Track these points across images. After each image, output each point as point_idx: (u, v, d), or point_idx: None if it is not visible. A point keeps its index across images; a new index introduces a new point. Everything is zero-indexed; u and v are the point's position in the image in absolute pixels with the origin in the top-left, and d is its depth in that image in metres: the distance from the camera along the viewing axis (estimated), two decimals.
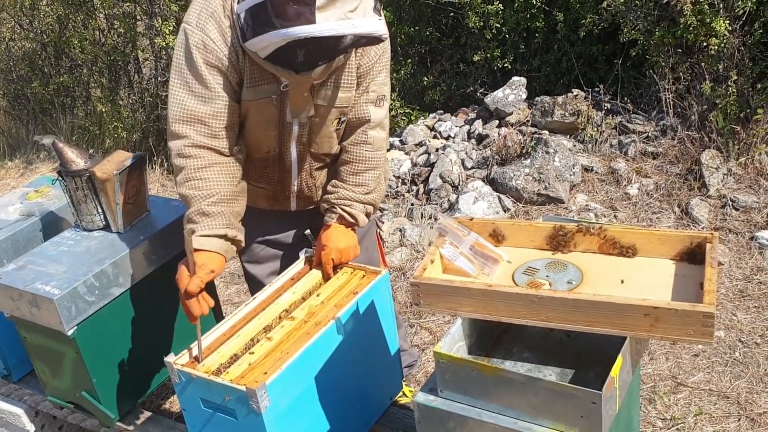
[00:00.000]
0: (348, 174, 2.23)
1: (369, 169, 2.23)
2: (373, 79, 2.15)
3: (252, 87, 2.03)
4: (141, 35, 6.35)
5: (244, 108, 2.08)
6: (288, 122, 2.12)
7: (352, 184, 2.23)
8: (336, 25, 1.74)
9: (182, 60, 2.00)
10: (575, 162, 4.55)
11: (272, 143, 2.18)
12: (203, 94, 1.99)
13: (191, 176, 2.03)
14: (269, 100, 2.05)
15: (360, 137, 2.21)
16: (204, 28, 1.95)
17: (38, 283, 2.19)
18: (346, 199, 2.21)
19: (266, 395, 1.75)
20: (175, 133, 2.03)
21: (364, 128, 2.20)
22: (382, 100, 2.20)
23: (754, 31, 4.44)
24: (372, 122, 2.20)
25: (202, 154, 2.03)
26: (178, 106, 2.01)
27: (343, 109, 2.15)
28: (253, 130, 2.14)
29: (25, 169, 6.56)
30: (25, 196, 2.76)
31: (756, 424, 2.76)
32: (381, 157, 2.26)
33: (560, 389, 1.50)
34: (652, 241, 1.77)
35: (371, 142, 2.22)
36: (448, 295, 1.68)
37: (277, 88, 2.03)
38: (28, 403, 2.63)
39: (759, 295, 3.49)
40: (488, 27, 5.38)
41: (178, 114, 2.01)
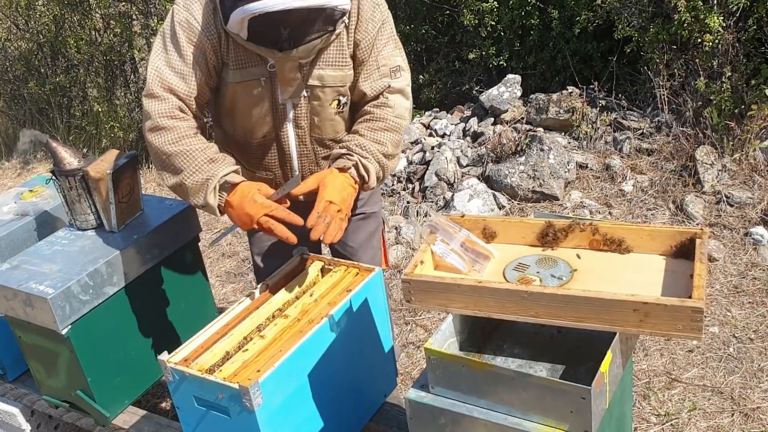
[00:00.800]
0: (366, 129, 2.13)
1: (388, 129, 2.14)
2: (379, 52, 2.14)
3: (238, 69, 2.05)
4: (137, 35, 6.36)
5: (231, 90, 2.10)
6: (281, 104, 2.13)
7: (371, 139, 2.12)
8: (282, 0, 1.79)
9: (167, 35, 2.05)
10: (570, 159, 4.56)
11: (267, 127, 2.19)
12: (182, 70, 2.03)
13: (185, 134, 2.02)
14: (257, 82, 2.08)
15: (381, 100, 2.17)
16: (189, 8, 2.02)
17: (32, 282, 2.20)
18: (366, 149, 2.09)
19: (259, 393, 1.76)
20: (155, 95, 2.02)
21: (384, 93, 2.17)
22: (398, 70, 2.17)
23: (748, 27, 4.45)
24: (392, 87, 2.17)
25: (186, 118, 2.05)
26: (158, 75, 2.03)
27: (338, 88, 2.15)
28: (245, 113, 2.16)
29: (22, 169, 6.57)
30: (20, 196, 2.77)
31: (749, 419, 2.77)
32: (401, 124, 2.18)
33: (550, 385, 1.51)
34: (642, 236, 1.78)
35: (392, 106, 2.16)
36: (439, 292, 1.68)
37: (264, 69, 2.05)
38: (23, 403, 2.63)
39: (753, 291, 3.50)
40: (483, 25, 5.39)
41: (159, 82, 2.02)
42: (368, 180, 2.10)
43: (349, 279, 2.17)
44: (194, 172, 1.99)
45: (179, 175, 2.00)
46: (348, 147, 2.11)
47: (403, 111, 2.19)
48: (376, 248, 2.57)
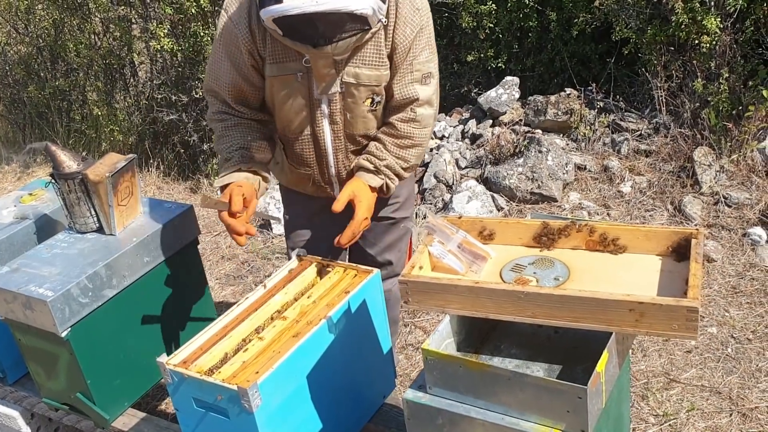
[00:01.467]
0: (393, 146, 2.25)
1: (414, 146, 2.26)
2: (415, 57, 2.16)
3: (275, 63, 2.14)
4: (136, 38, 6.36)
5: (269, 84, 2.20)
6: (316, 99, 2.18)
7: (395, 156, 2.25)
8: (301, 3, 1.85)
9: (216, 40, 2.22)
10: (568, 160, 4.57)
11: (304, 122, 2.25)
12: (219, 73, 2.20)
13: (222, 134, 2.26)
14: (294, 77, 2.14)
15: (408, 114, 2.22)
16: (227, 9, 2.15)
17: (32, 285, 2.20)
18: (392, 170, 2.25)
19: (258, 394, 1.77)
20: (208, 100, 2.32)
21: (412, 106, 2.22)
22: (428, 77, 2.21)
23: (746, 28, 4.46)
24: (420, 100, 2.21)
25: (227, 117, 2.26)
26: (205, 80, 2.30)
27: (372, 87, 2.18)
28: (282, 107, 2.23)
29: (22, 173, 6.57)
30: (19, 200, 2.78)
31: (747, 419, 2.77)
32: (427, 134, 2.29)
33: (546, 384, 1.51)
34: (638, 237, 1.79)
35: (419, 120, 2.23)
36: (436, 293, 1.69)
37: (301, 65, 2.11)
38: (23, 406, 2.64)
39: (751, 292, 3.51)
40: (481, 27, 5.41)
41: (205, 87, 2.30)
42: (388, 194, 2.30)
43: (348, 280, 2.18)
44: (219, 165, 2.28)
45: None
46: (376, 166, 2.24)
47: (429, 121, 2.27)
48: (402, 251, 2.62)
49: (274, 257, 4.39)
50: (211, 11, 5.39)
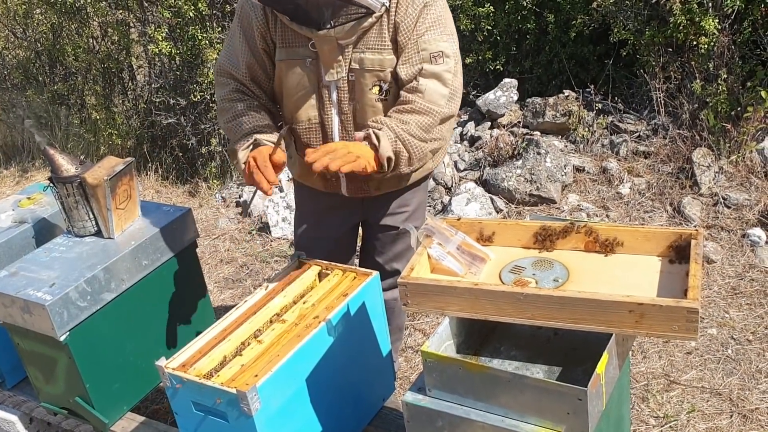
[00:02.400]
0: (393, 111, 2.13)
1: (414, 111, 2.09)
2: (420, 36, 2.10)
3: (284, 47, 2.17)
4: (134, 42, 6.37)
5: (278, 69, 2.22)
6: (325, 85, 2.18)
7: (394, 119, 2.10)
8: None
9: (233, 21, 2.26)
10: (567, 162, 4.57)
11: (312, 111, 2.24)
12: (236, 54, 2.22)
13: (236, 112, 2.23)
14: (302, 62, 2.16)
15: (412, 85, 2.12)
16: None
17: (30, 289, 2.20)
18: (381, 123, 2.09)
19: (257, 397, 1.76)
20: (217, 82, 2.31)
21: (417, 76, 2.11)
22: (439, 56, 2.11)
23: (743, 29, 4.46)
24: (424, 71, 2.10)
25: (244, 98, 2.24)
26: (219, 61, 2.29)
27: (377, 73, 2.15)
28: (291, 93, 2.24)
29: (21, 177, 6.57)
30: (18, 203, 2.77)
31: (748, 420, 2.77)
32: (433, 108, 2.10)
33: (546, 386, 1.51)
34: (637, 238, 1.79)
35: (422, 91, 2.09)
36: (435, 295, 1.69)
37: (309, 50, 2.13)
38: (22, 410, 2.64)
39: (751, 293, 3.51)
40: (479, 29, 5.41)
41: (218, 67, 2.29)
42: (379, 146, 2.03)
43: (347, 283, 2.18)
44: (236, 141, 2.20)
45: (231, 144, 2.23)
46: (365, 125, 2.16)
47: (437, 97, 2.11)
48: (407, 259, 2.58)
49: (272, 260, 4.39)
50: (209, 14, 5.39)
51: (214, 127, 5.57)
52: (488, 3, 5.32)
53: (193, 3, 5.21)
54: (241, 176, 5.06)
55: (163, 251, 2.46)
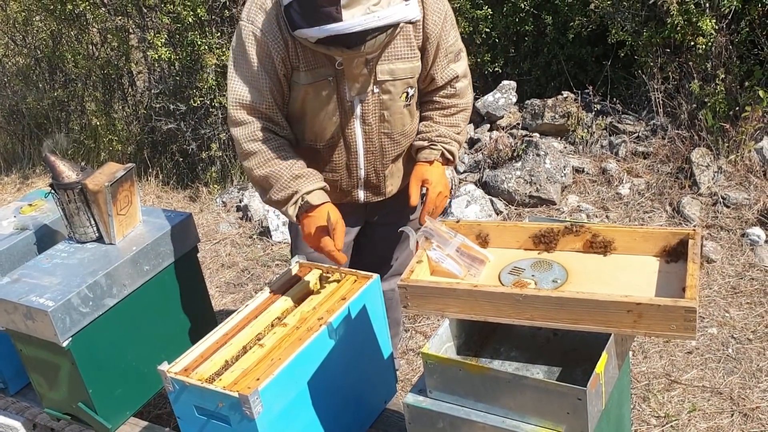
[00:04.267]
0: (441, 116, 2.33)
1: (459, 111, 2.34)
2: (446, 40, 2.21)
3: (309, 70, 2.10)
4: (134, 48, 6.38)
5: (303, 92, 2.15)
6: (348, 101, 2.17)
7: (446, 124, 2.33)
8: (362, 20, 1.83)
9: (237, 52, 2.12)
10: (566, 163, 4.58)
11: (334, 128, 2.23)
12: (258, 84, 2.10)
13: (270, 156, 2.12)
14: (326, 82, 2.12)
15: (449, 91, 2.31)
16: (254, 21, 2.08)
17: (33, 295, 2.21)
18: (445, 137, 2.31)
19: (259, 401, 1.77)
20: (235, 119, 2.14)
21: (451, 83, 2.30)
22: (459, 53, 2.29)
23: (741, 29, 4.47)
24: (459, 77, 2.30)
25: (273, 136, 2.16)
26: (236, 96, 2.13)
27: (407, 80, 2.20)
28: (315, 115, 2.20)
29: (22, 184, 6.58)
30: (19, 210, 2.79)
31: (749, 419, 2.78)
32: (469, 101, 2.38)
33: (546, 387, 1.52)
34: (635, 238, 1.80)
35: (459, 93, 2.32)
36: (435, 297, 1.70)
37: (332, 69, 2.10)
38: (25, 416, 2.64)
39: (751, 292, 3.51)
40: (478, 32, 5.42)
41: (238, 103, 2.13)
42: (454, 160, 2.35)
43: (347, 286, 2.19)
44: (281, 189, 2.12)
45: (268, 192, 2.15)
46: (429, 139, 2.30)
47: (467, 90, 2.36)
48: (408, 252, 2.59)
49: (273, 264, 4.40)
50: (208, 20, 5.41)
51: (214, 132, 5.59)
52: (486, 5, 5.34)
53: (192, 8, 5.23)
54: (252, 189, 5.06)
55: (165, 256, 2.47)
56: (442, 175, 2.30)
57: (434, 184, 2.26)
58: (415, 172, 2.31)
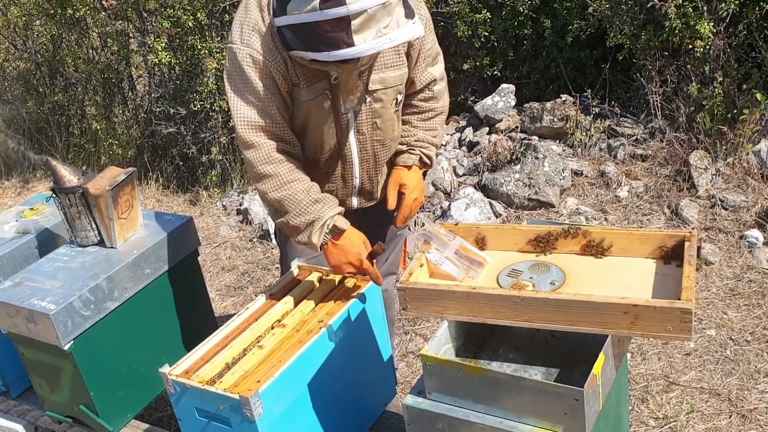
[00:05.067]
0: (419, 120, 2.37)
1: (437, 114, 2.39)
2: (425, 45, 2.25)
3: (308, 87, 2.09)
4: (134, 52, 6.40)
5: (306, 109, 2.14)
6: (343, 114, 2.18)
7: (424, 128, 2.37)
8: (374, 44, 1.81)
9: (237, 76, 2.06)
10: (565, 166, 4.60)
11: (332, 140, 2.24)
12: (264, 105, 2.06)
13: (286, 179, 2.09)
14: (324, 96, 2.12)
15: (427, 94, 2.35)
16: (249, 43, 2.03)
17: (34, 299, 2.22)
18: (424, 142, 2.36)
19: (259, 403, 1.79)
20: (250, 143, 2.08)
21: (430, 86, 2.33)
22: (437, 56, 2.33)
23: (738, 32, 4.50)
24: (436, 80, 2.34)
25: (287, 158, 2.11)
26: (245, 120, 2.07)
27: (397, 87, 2.23)
28: (316, 128, 2.20)
29: (22, 188, 6.60)
30: (21, 214, 2.80)
31: (747, 420, 2.79)
32: (445, 103, 2.41)
33: (543, 387, 1.53)
34: (632, 241, 1.81)
35: (437, 96, 2.36)
36: (434, 299, 1.72)
37: (327, 83, 2.10)
38: (27, 419, 2.65)
39: (749, 294, 3.53)
40: (477, 35, 5.45)
41: (248, 126, 2.07)
42: (431, 164, 2.39)
43: (347, 289, 2.20)
44: (299, 213, 2.08)
45: (285, 216, 2.10)
46: (408, 143, 2.35)
47: (444, 92, 2.40)
48: (398, 250, 2.63)
49: (273, 267, 4.41)
50: (208, 24, 5.43)
51: (214, 136, 5.61)
52: (485, 9, 5.36)
53: (192, 13, 5.25)
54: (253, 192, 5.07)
55: (165, 260, 2.49)
56: (420, 180, 2.35)
57: (411, 189, 2.29)
58: (393, 176, 2.34)
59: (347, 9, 1.75)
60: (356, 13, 1.76)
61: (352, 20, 1.77)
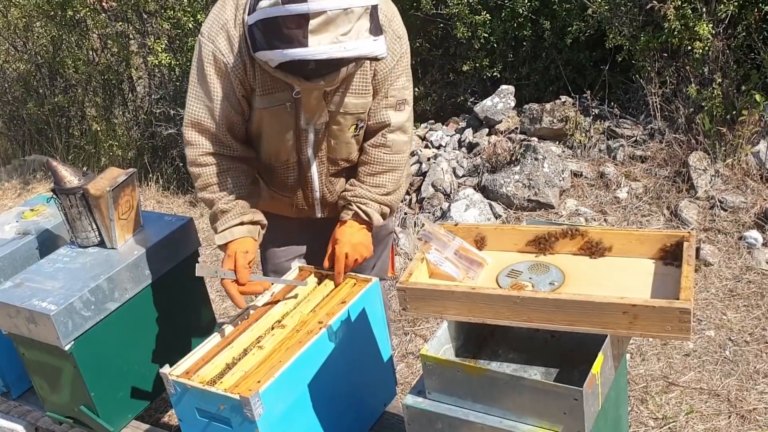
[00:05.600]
0: (365, 175, 2.27)
1: (387, 171, 2.26)
2: (391, 84, 2.17)
3: (265, 95, 2.07)
4: (134, 54, 6.42)
5: (259, 116, 2.13)
6: (303, 129, 2.16)
7: (369, 184, 2.26)
8: (328, 48, 1.77)
9: (195, 70, 2.11)
10: (564, 167, 4.61)
11: (290, 151, 2.22)
12: (212, 105, 2.09)
13: (208, 182, 2.17)
14: (283, 107, 2.09)
15: (379, 140, 2.24)
16: (214, 40, 2.04)
17: (35, 299, 2.23)
18: (362, 197, 2.25)
19: (260, 403, 1.79)
20: (187, 140, 2.16)
21: (383, 132, 2.23)
22: (403, 104, 2.22)
23: (737, 34, 4.51)
24: (392, 126, 2.22)
25: (215, 161, 2.16)
26: (189, 115, 2.13)
27: (358, 115, 2.18)
28: (271, 138, 2.19)
29: (22, 189, 6.60)
30: (21, 215, 2.80)
31: (746, 420, 2.80)
32: (401, 160, 2.28)
33: (543, 387, 1.54)
34: (631, 241, 1.82)
35: (390, 146, 2.24)
36: (433, 299, 1.72)
37: (290, 95, 2.07)
38: (27, 420, 2.66)
39: (748, 294, 3.54)
40: (476, 37, 5.45)
41: (190, 122, 2.14)
42: (372, 221, 2.26)
43: (347, 289, 2.21)
44: (211, 218, 2.22)
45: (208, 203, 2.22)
46: (345, 198, 2.27)
47: (402, 146, 2.27)
48: (384, 256, 2.62)
49: None
50: None
51: None
52: (485, 11, 5.37)
53: (192, 14, 5.27)
54: None
55: (166, 261, 2.49)
56: (354, 235, 2.23)
57: (341, 244, 2.20)
58: (332, 234, 2.27)
59: (308, 7, 1.72)
60: (316, 13, 1.72)
61: (311, 19, 1.73)
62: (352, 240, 2.21)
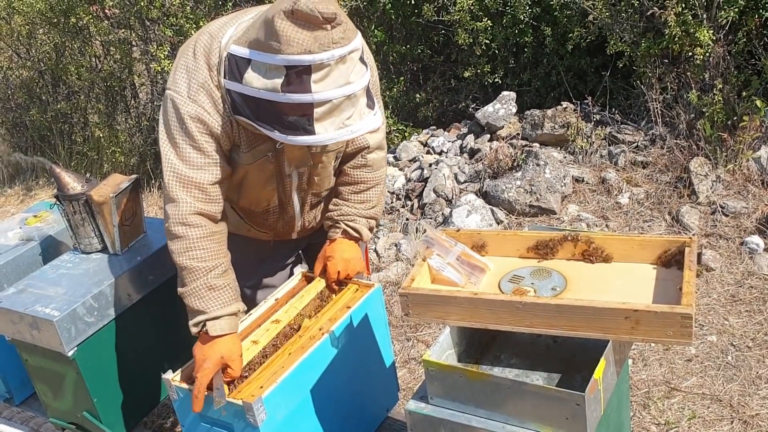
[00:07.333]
0: (350, 193, 2.26)
1: (371, 187, 2.27)
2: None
3: (250, 151, 2.01)
4: (137, 60, 6.44)
5: (243, 171, 2.06)
6: (287, 174, 2.14)
7: (355, 201, 2.26)
8: (336, 134, 1.75)
9: (176, 128, 1.94)
10: (566, 173, 4.62)
11: (272, 196, 2.20)
12: (200, 163, 1.95)
13: (192, 246, 1.98)
14: (266, 159, 2.05)
15: (360, 161, 2.23)
16: (197, 100, 1.91)
17: (38, 305, 2.23)
18: (349, 215, 2.24)
19: (262, 408, 1.79)
20: (172, 198, 1.97)
21: (363, 153, 2.22)
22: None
23: (738, 40, 4.52)
24: (370, 148, 2.22)
25: (202, 222, 1.98)
26: (174, 173, 1.95)
27: (339, 149, 2.18)
28: (253, 188, 2.15)
29: (25, 195, 6.62)
30: (24, 222, 2.81)
31: (748, 426, 2.79)
32: (382, 174, 2.30)
33: (545, 392, 1.54)
34: (633, 246, 1.82)
35: (371, 165, 2.25)
36: (436, 305, 1.73)
37: (272, 145, 2.02)
38: (30, 426, 2.66)
39: (750, 300, 3.54)
40: (478, 43, 5.47)
41: (175, 180, 1.95)
42: (362, 236, 2.26)
43: (349, 295, 2.22)
44: (192, 293, 1.98)
45: (183, 288, 2.01)
46: (332, 218, 2.26)
47: (381, 162, 2.28)
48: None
49: None
50: None
51: None
52: (486, 17, 5.39)
53: (194, 21, 5.29)
54: None
55: (169, 266, 2.48)
56: (345, 251, 2.21)
57: (334, 261, 2.20)
58: (322, 249, 2.26)
59: (312, 97, 1.69)
60: (320, 102, 1.70)
61: (315, 108, 1.70)
62: (344, 255, 2.22)
